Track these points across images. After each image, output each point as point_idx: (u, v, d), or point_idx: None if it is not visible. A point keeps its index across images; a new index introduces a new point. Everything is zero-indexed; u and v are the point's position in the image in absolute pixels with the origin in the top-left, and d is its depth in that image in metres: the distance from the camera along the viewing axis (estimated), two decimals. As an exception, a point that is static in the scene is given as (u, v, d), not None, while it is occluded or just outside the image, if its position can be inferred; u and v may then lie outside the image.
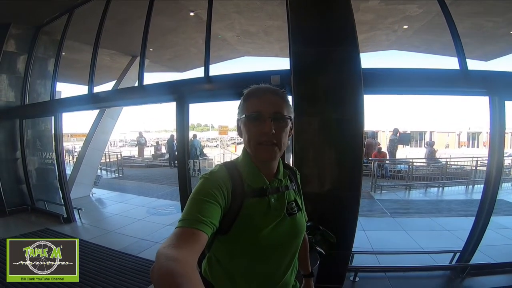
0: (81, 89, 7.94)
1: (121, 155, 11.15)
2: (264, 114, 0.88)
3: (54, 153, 4.97)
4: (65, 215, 4.63)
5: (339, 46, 2.51)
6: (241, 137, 0.96)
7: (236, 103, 0.98)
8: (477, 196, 6.56)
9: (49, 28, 5.14)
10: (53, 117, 4.83)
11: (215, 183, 0.85)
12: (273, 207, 0.92)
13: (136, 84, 4.06)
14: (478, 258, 2.92)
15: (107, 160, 10.43)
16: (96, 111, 6.32)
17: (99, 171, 7.69)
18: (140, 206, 5.70)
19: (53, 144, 4.91)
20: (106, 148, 8.90)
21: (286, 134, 0.92)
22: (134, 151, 15.12)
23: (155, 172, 10.80)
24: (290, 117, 0.92)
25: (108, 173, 9.97)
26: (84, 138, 7.01)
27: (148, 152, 14.69)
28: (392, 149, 10.00)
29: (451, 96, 3.53)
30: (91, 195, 6.49)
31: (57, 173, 4.93)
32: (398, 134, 10.34)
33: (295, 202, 1.00)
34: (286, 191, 0.98)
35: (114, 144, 17.96)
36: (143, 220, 4.84)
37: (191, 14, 4.99)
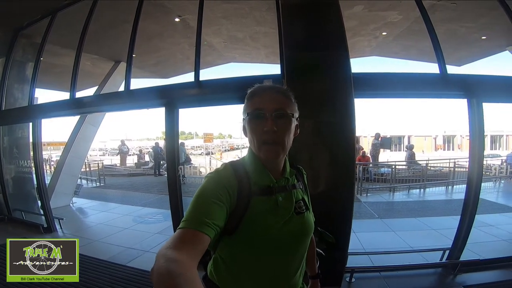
0: (58, 95, 7.61)
1: (102, 163, 10.77)
2: (266, 112, 0.86)
3: (32, 161, 4.71)
4: (45, 225, 4.40)
5: (330, 50, 2.57)
6: (246, 137, 0.94)
7: (226, 108, 0.95)
8: (457, 196, 6.93)
9: (29, 31, 4.93)
10: (31, 123, 4.60)
11: (220, 182, 0.83)
12: (281, 205, 0.90)
13: (122, 89, 3.95)
14: (465, 255, 3.01)
15: (87, 169, 10.04)
16: (75, 119, 6.10)
17: (79, 180, 7.37)
18: (125, 215, 5.49)
19: (31, 151, 4.67)
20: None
21: (290, 132, 0.89)
22: (116, 160, 14.65)
23: (139, 180, 10.48)
24: (293, 114, 0.90)
25: (89, 182, 9.57)
26: (61, 147, 6.71)
27: (131, 160, 14.28)
28: (375, 153, 10.26)
29: (432, 99, 3.69)
30: (71, 205, 6.19)
31: (35, 182, 4.69)
32: (379, 139, 10.63)
33: (303, 201, 0.98)
34: (293, 190, 0.96)
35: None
36: (130, 228, 4.65)
37: (176, 20, 4.96)
